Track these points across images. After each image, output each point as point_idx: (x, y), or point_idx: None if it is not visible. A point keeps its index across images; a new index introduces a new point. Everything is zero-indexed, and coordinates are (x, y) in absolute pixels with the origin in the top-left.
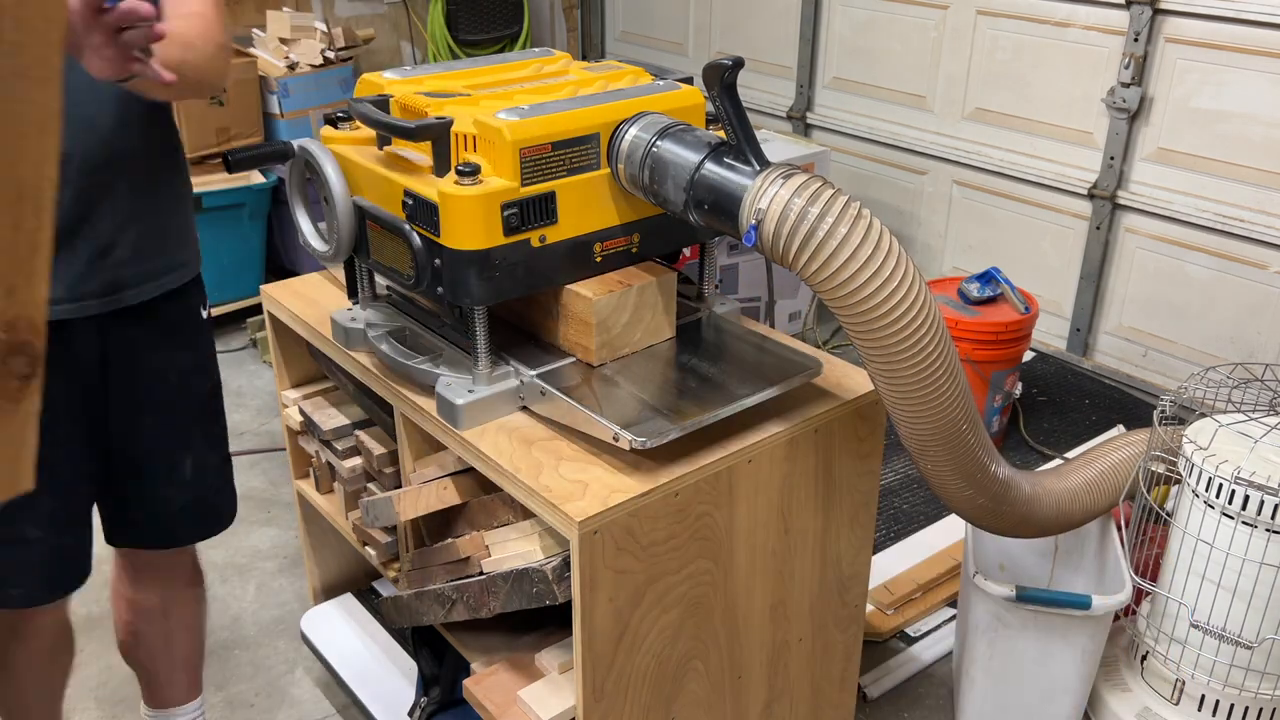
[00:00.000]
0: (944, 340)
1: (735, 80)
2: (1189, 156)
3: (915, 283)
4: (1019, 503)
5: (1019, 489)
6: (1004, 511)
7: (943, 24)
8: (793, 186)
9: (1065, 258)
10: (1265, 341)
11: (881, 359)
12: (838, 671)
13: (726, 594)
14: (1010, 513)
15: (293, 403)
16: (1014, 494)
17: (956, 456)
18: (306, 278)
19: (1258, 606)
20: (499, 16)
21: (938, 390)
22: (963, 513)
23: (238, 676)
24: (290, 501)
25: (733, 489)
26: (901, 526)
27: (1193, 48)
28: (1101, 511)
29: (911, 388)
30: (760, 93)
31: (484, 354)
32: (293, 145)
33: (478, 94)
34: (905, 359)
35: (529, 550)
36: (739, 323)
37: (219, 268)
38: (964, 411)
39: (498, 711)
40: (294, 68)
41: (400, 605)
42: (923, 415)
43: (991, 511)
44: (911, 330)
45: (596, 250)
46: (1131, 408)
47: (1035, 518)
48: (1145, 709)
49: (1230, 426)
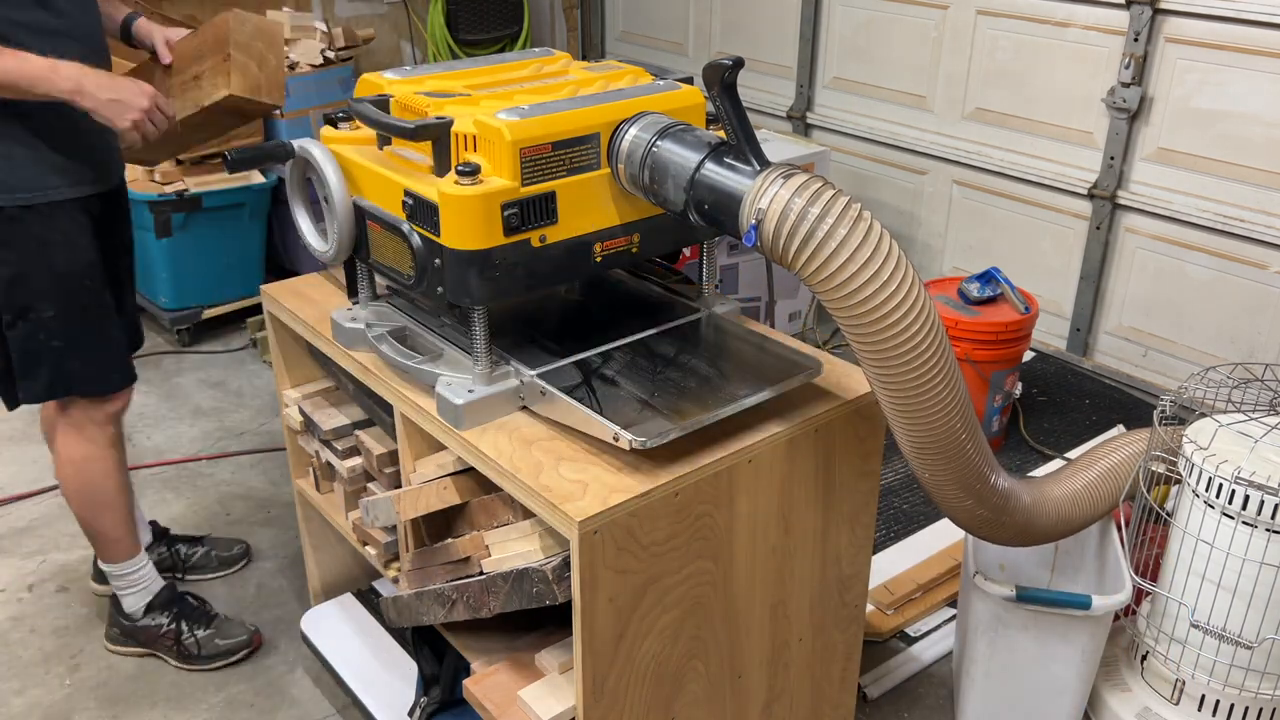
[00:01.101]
0: (942, 345)
1: (735, 80)
2: (1189, 156)
3: (914, 286)
4: (1019, 512)
5: (1018, 499)
6: (1004, 522)
7: (943, 24)
8: (793, 187)
9: (1065, 258)
10: (1265, 341)
11: (879, 362)
12: (838, 671)
13: (726, 594)
14: (1010, 523)
15: (293, 403)
16: (1014, 504)
17: (955, 467)
18: (306, 278)
19: (1258, 606)
20: (499, 16)
21: (935, 396)
22: (962, 523)
23: (237, 676)
24: (290, 501)
25: (733, 489)
26: (901, 526)
27: (1193, 48)
28: (1102, 514)
29: (909, 393)
30: (760, 92)
31: (484, 354)
32: (292, 145)
33: (478, 94)
34: (902, 363)
35: (529, 550)
36: (739, 323)
37: (219, 268)
38: (963, 420)
39: (498, 711)
40: (294, 68)
41: (400, 605)
42: (920, 423)
43: (991, 522)
44: (909, 334)
45: (596, 250)
46: (1131, 408)
47: (1035, 527)
48: (1145, 709)
49: (1230, 426)
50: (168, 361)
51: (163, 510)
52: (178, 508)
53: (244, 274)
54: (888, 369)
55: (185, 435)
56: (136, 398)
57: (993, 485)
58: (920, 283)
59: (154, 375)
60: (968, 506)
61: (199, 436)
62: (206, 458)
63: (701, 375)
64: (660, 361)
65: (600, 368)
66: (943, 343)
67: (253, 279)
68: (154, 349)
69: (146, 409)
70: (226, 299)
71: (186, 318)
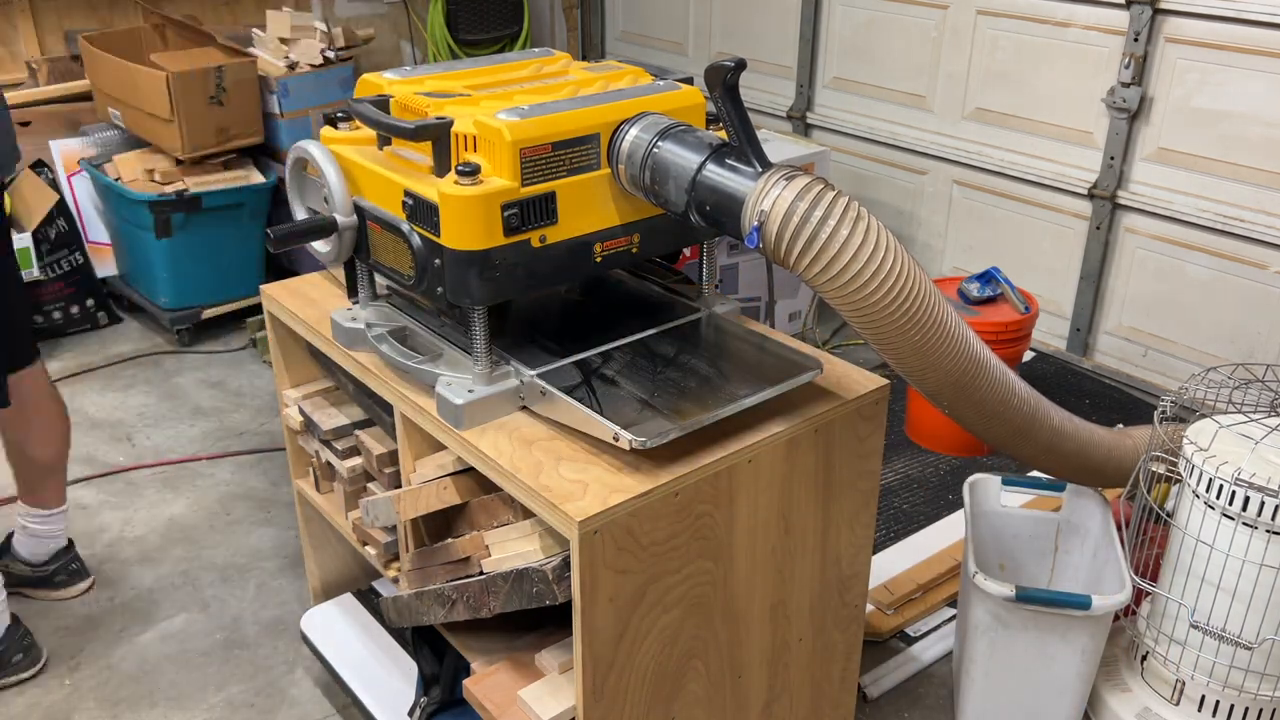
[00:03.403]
0: (946, 321)
1: (737, 81)
2: (1189, 156)
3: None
4: (1045, 430)
5: (1045, 418)
6: (1031, 434)
7: (943, 24)
8: (795, 189)
9: (1065, 258)
10: (1265, 341)
11: (884, 342)
12: (838, 671)
13: (726, 594)
14: (1037, 439)
15: (293, 403)
16: (1040, 423)
17: (971, 398)
18: (306, 278)
19: (1258, 607)
20: (499, 16)
21: (944, 354)
22: (987, 441)
23: (237, 676)
24: (290, 501)
25: (733, 489)
26: (901, 526)
27: (1193, 48)
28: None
29: (919, 362)
30: (760, 93)
31: (484, 354)
32: (334, 219)
33: (478, 94)
34: (910, 343)
35: (529, 550)
36: (739, 323)
37: (219, 268)
38: (971, 361)
39: (498, 711)
40: (294, 68)
41: (400, 605)
42: (930, 376)
43: (1019, 433)
44: (916, 322)
45: (596, 250)
46: (1131, 408)
47: (1060, 449)
48: (1145, 709)
49: (1231, 427)
50: (168, 361)
51: (162, 510)
52: (178, 507)
53: (244, 274)
54: (895, 347)
55: (185, 435)
56: (137, 397)
57: (1015, 406)
58: (922, 274)
59: (154, 375)
60: (992, 429)
61: (199, 436)
62: (206, 458)
63: (701, 375)
64: (660, 361)
65: (600, 368)
66: (947, 319)
67: (252, 279)
68: (154, 349)
69: (146, 409)
70: (226, 299)
71: (186, 318)
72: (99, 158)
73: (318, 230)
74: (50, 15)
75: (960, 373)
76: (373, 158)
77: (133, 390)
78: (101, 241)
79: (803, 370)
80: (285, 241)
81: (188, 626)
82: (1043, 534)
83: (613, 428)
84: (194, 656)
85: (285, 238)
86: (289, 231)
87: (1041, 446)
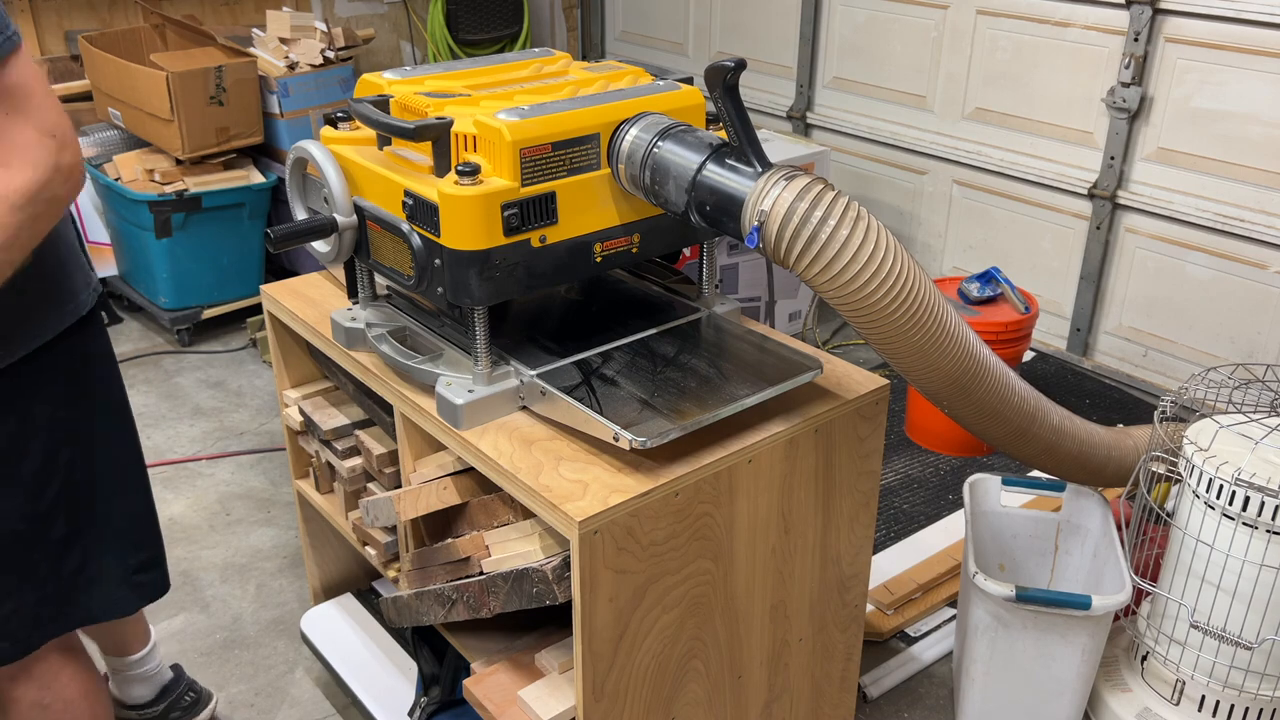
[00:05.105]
0: (946, 320)
1: (737, 82)
2: (1189, 156)
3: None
4: (1045, 430)
5: (1045, 418)
6: (1032, 434)
7: (943, 24)
8: (795, 189)
9: (1065, 258)
10: (1265, 341)
11: (883, 342)
12: (838, 671)
13: (726, 594)
14: (1037, 438)
15: (293, 403)
16: (1040, 423)
17: (971, 398)
18: (306, 278)
19: (1258, 608)
20: (499, 16)
21: (943, 354)
22: (987, 441)
23: (238, 676)
24: (290, 501)
25: (733, 489)
26: (901, 526)
27: (1193, 48)
28: (1118, 473)
29: (919, 361)
30: (760, 92)
31: (484, 354)
32: (335, 219)
33: (478, 94)
34: (909, 343)
35: (529, 550)
36: (739, 323)
37: (219, 268)
38: (971, 359)
39: (498, 711)
40: (294, 68)
41: (400, 605)
42: (930, 375)
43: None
44: (916, 323)
45: (597, 250)
46: (1131, 408)
47: (1060, 449)
48: (1145, 709)
49: (1231, 427)
50: (168, 361)
51: (162, 510)
52: (178, 508)
53: (244, 274)
54: (895, 347)
55: (185, 435)
56: (137, 397)
57: (1015, 407)
58: (922, 274)
59: (154, 375)
60: (991, 429)
61: (199, 436)
62: (206, 457)
63: (702, 375)
64: (660, 361)
65: (600, 368)
66: (947, 319)
67: (252, 279)
68: (154, 349)
69: (146, 409)
70: (226, 299)
71: (186, 318)
72: (99, 158)
73: (318, 230)
74: (50, 15)
75: (960, 373)
76: (373, 158)
77: (133, 390)
78: (101, 241)
79: (803, 370)
80: (285, 242)
81: (188, 626)
82: (1043, 534)
83: (613, 428)
84: (194, 656)
85: (285, 238)
86: (289, 232)
87: (1042, 446)
